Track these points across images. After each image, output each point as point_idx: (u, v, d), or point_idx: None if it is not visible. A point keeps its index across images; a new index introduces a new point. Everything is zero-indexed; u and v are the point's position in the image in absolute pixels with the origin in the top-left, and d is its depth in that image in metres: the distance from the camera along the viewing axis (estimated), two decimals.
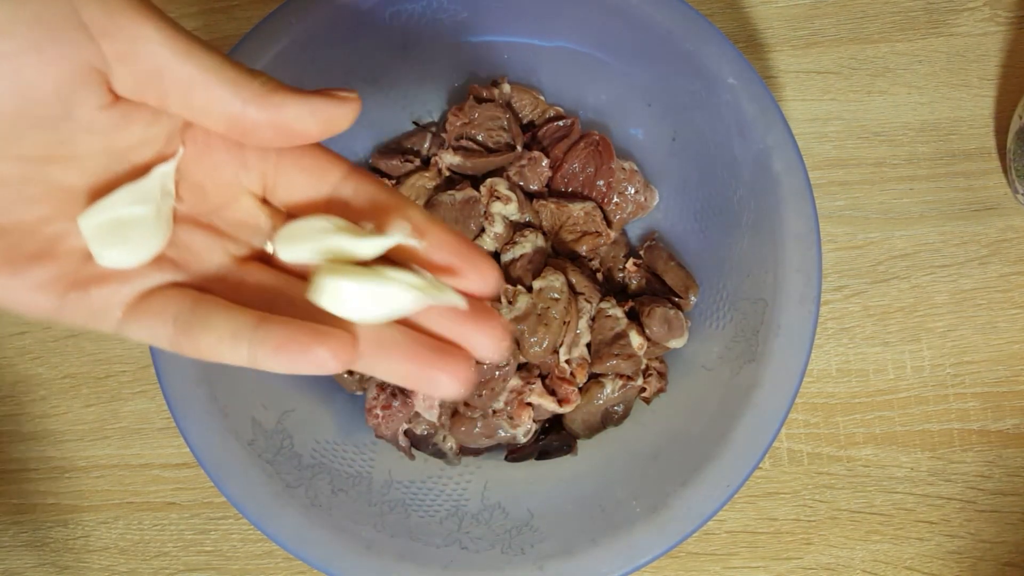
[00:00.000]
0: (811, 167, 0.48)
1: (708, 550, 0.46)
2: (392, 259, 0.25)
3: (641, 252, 0.46)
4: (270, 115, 0.23)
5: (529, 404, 0.41)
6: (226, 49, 0.49)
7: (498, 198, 0.43)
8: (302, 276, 0.26)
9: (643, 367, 0.43)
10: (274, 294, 0.25)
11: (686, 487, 0.38)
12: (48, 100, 0.22)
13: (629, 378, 0.42)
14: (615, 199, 0.45)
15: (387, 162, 0.45)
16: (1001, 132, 0.48)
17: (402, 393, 0.42)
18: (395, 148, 0.46)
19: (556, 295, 0.41)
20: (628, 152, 0.46)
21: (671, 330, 0.42)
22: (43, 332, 0.50)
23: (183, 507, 0.48)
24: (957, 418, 0.47)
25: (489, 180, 0.44)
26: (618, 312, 0.43)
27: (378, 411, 0.42)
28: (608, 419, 0.43)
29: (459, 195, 0.43)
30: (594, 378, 0.42)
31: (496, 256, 0.44)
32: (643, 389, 0.43)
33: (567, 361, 0.42)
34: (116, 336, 0.26)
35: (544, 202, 0.44)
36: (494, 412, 0.41)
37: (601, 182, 0.45)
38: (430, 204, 0.44)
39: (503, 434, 0.42)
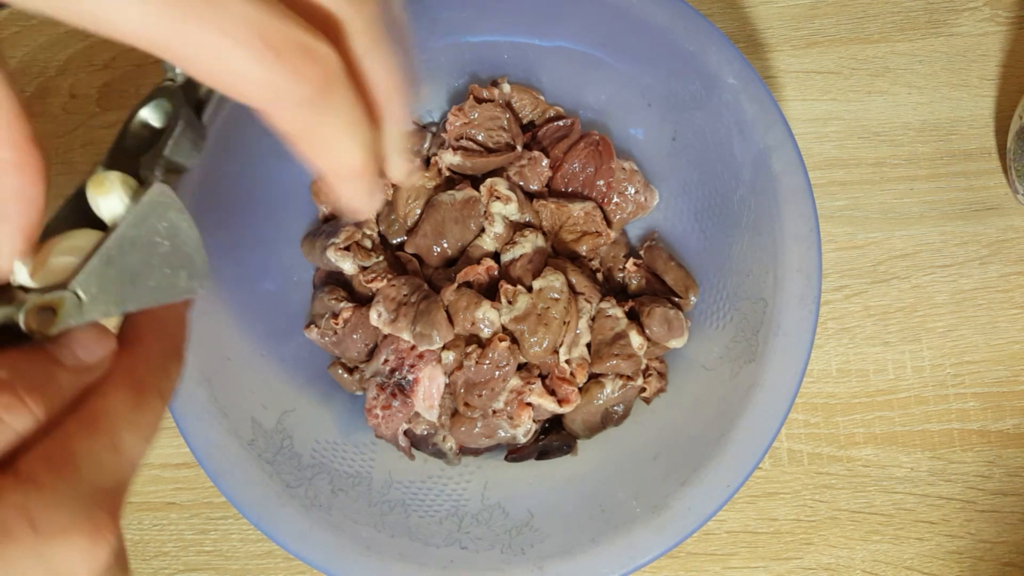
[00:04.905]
0: (811, 167, 0.48)
1: (708, 550, 0.46)
2: None
3: (641, 252, 0.46)
4: None
5: (529, 404, 0.41)
6: None
7: (498, 198, 0.43)
8: None
9: (643, 367, 0.43)
10: None
11: (686, 487, 0.38)
12: None
13: (629, 378, 0.42)
14: (615, 199, 0.45)
15: None
16: (1001, 132, 0.48)
17: (402, 393, 0.42)
18: None
19: (556, 295, 0.41)
20: (628, 152, 0.46)
21: (671, 330, 0.42)
22: None
23: (183, 507, 0.48)
24: (957, 418, 0.46)
25: (489, 180, 0.44)
26: (618, 312, 0.43)
27: (378, 411, 0.42)
28: (608, 419, 0.43)
29: (459, 195, 0.43)
30: (594, 378, 0.42)
31: (496, 256, 0.44)
32: (643, 389, 0.43)
33: (567, 361, 0.42)
34: None
35: (544, 202, 0.44)
36: (494, 412, 0.41)
37: (601, 182, 0.45)
38: (430, 204, 0.44)
39: (503, 434, 0.42)
